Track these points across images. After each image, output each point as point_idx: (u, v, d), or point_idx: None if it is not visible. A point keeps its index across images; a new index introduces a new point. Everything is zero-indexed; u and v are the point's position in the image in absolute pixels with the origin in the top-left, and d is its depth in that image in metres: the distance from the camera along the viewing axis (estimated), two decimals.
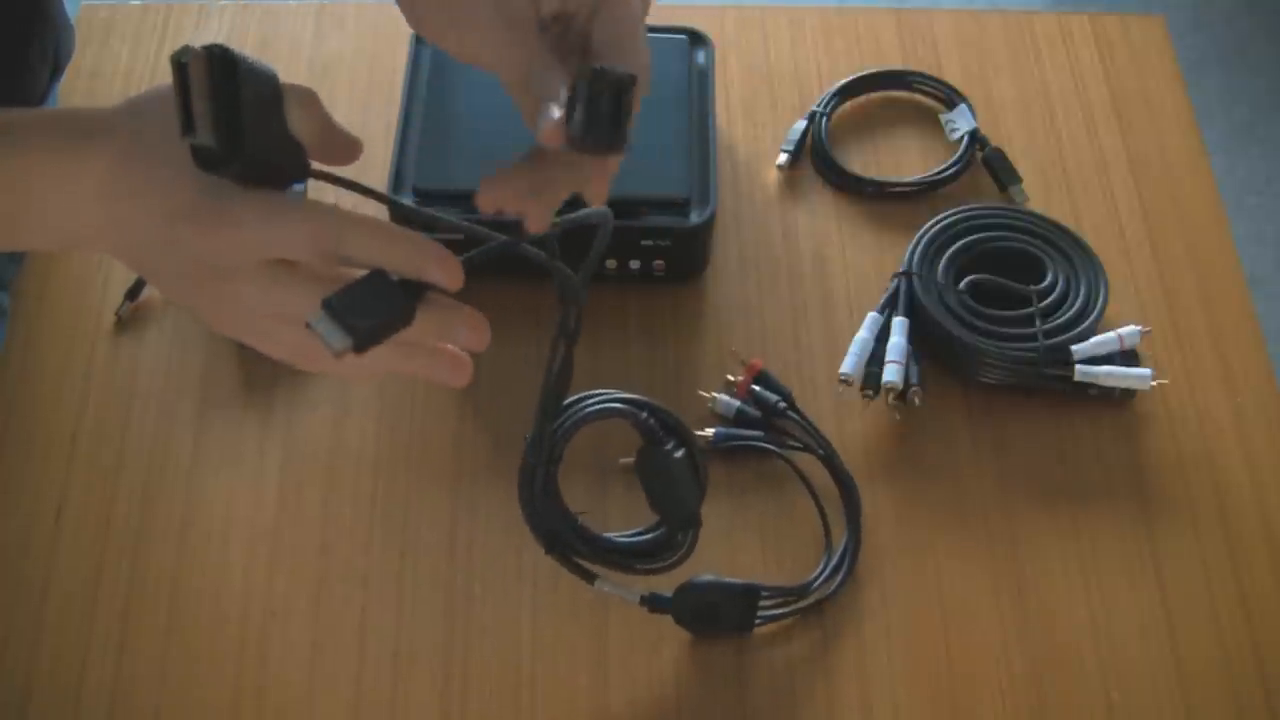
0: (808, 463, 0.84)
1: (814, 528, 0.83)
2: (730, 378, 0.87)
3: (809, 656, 0.79)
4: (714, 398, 0.86)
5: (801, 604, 0.80)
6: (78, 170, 0.60)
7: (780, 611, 0.79)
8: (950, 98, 1.01)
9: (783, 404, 0.86)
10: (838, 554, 0.81)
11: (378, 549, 0.81)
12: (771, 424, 0.86)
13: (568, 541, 0.75)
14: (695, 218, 0.88)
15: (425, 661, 0.78)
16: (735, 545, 0.82)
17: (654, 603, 0.78)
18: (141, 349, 0.88)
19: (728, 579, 0.79)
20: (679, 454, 0.74)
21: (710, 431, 0.85)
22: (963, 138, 0.99)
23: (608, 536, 0.76)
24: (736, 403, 0.86)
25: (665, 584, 0.77)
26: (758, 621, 0.79)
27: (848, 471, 0.84)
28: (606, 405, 0.75)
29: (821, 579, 0.80)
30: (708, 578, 0.78)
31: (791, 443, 0.85)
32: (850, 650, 0.79)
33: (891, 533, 0.83)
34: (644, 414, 0.75)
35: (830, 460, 0.84)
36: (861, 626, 0.80)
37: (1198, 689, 0.78)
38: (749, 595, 0.78)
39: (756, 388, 0.86)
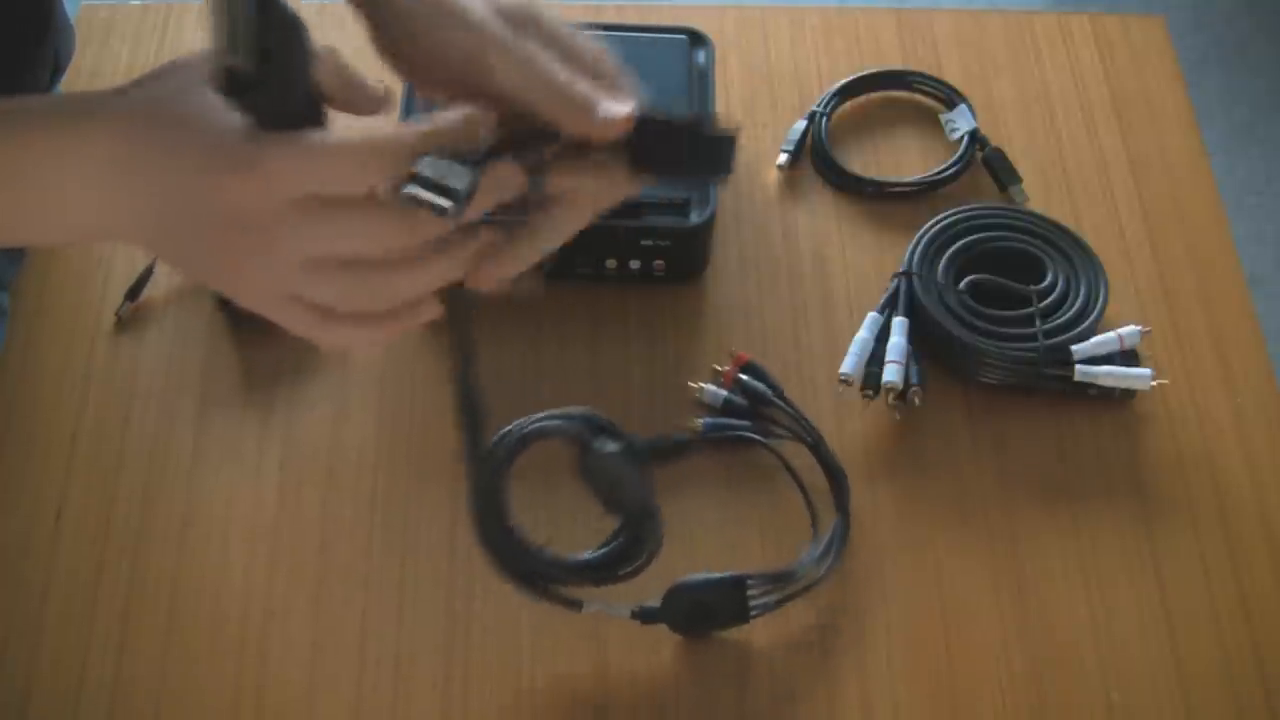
0: (798, 452, 0.84)
1: (804, 516, 0.83)
2: (717, 368, 0.87)
3: (808, 656, 0.79)
4: (701, 388, 0.86)
5: (792, 589, 0.79)
6: (79, 145, 0.59)
7: (774, 599, 0.79)
8: (950, 98, 1.01)
9: (770, 392, 0.86)
10: (825, 539, 0.81)
11: (378, 549, 0.81)
12: (759, 413, 0.86)
13: (540, 574, 0.75)
14: (695, 218, 0.88)
15: (425, 662, 0.78)
16: (727, 538, 0.82)
17: (645, 616, 0.77)
18: (141, 349, 0.88)
19: (713, 574, 0.78)
20: (610, 448, 0.73)
21: (700, 422, 0.85)
22: (963, 138, 0.99)
23: (578, 558, 0.75)
24: (724, 392, 0.86)
25: (655, 588, 0.77)
26: (753, 612, 0.78)
27: (835, 459, 0.84)
28: (534, 428, 0.75)
29: (809, 564, 0.80)
30: (692, 577, 0.78)
31: (779, 431, 0.85)
32: (850, 649, 0.79)
33: (892, 532, 0.83)
34: (571, 422, 0.74)
35: (818, 448, 0.84)
36: (861, 626, 0.80)
37: (1198, 689, 0.78)
38: (737, 586, 0.78)
39: (744, 378, 0.86)
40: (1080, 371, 0.86)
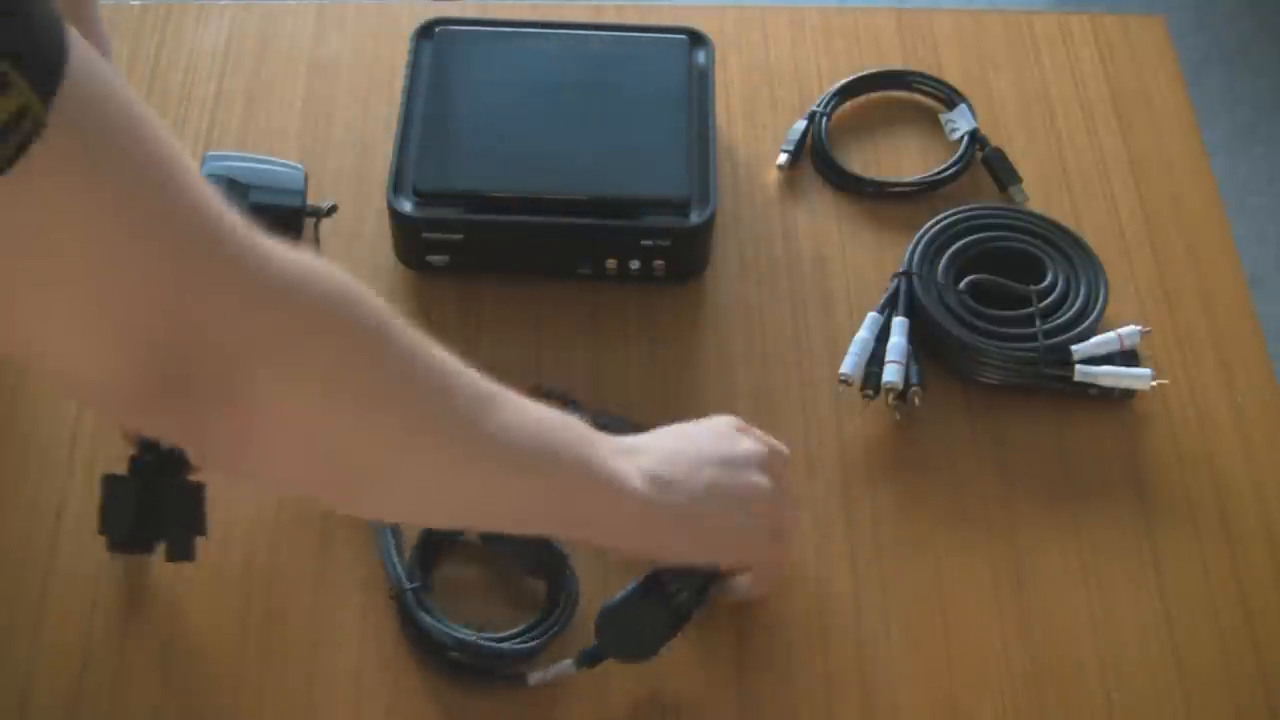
0: None
1: None
2: None
3: (808, 655, 0.79)
4: None
5: (707, 574, 0.75)
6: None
7: (695, 591, 0.75)
8: (950, 98, 1.01)
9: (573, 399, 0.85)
10: None
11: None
12: None
13: (482, 670, 0.76)
14: (695, 218, 0.88)
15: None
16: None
17: (587, 658, 0.75)
18: None
19: (625, 589, 0.75)
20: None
21: None
22: (963, 138, 0.99)
23: (508, 644, 0.76)
24: None
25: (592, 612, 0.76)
26: (682, 610, 0.74)
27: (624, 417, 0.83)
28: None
29: None
30: (610, 600, 0.75)
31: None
32: (850, 649, 0.79)
33: (892, 533, 0.83)
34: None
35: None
36: (861, 625, 0.80)
37: (1198, 689, 0.78)
38: (654, 590, 0.74)
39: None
40: (1080, 371, 0.86)
